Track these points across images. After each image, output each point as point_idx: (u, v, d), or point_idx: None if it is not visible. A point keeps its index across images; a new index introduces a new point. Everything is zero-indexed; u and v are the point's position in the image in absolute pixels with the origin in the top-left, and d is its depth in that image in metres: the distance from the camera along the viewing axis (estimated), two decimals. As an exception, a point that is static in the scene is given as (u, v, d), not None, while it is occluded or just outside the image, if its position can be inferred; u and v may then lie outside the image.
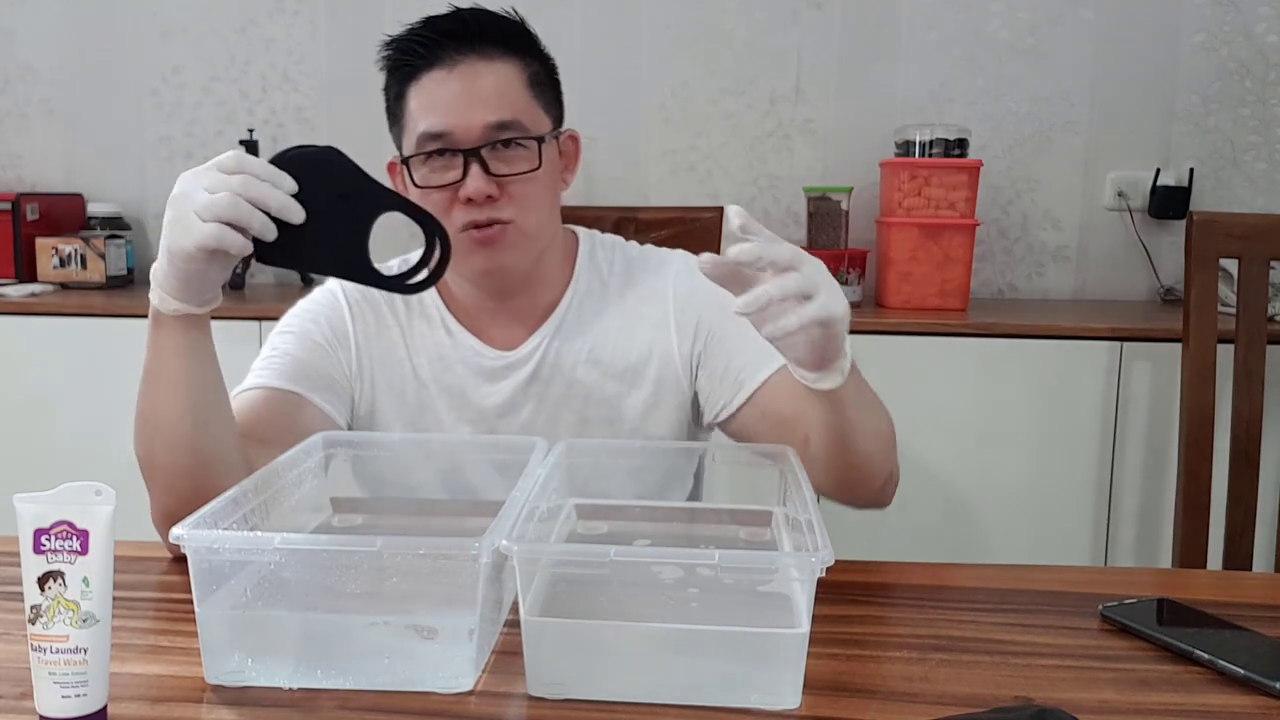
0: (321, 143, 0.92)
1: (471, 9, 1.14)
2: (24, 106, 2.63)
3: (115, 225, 2.51)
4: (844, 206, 2.31)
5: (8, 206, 2.38)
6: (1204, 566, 1.48)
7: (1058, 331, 2.01)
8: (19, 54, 2.61)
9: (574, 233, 1.26)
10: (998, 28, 2.44)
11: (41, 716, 0.68)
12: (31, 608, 0.67)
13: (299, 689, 0.74)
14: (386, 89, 1.16)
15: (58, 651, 0.67)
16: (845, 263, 2.22)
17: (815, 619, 0.73)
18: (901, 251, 2.20)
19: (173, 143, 2.60)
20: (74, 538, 0.67)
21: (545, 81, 1.16)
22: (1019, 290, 2.51)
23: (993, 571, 1.02)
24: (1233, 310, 1.47)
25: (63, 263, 2.38)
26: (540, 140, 1.12)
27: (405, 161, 1.13)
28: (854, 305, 2.18)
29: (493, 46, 1.11)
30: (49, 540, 0.67)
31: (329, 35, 2.56)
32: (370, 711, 0.72)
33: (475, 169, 1.08)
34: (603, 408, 1.19)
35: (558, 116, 1.18)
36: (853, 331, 0.89)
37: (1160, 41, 2.42)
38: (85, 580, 0.67)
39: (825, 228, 2.32)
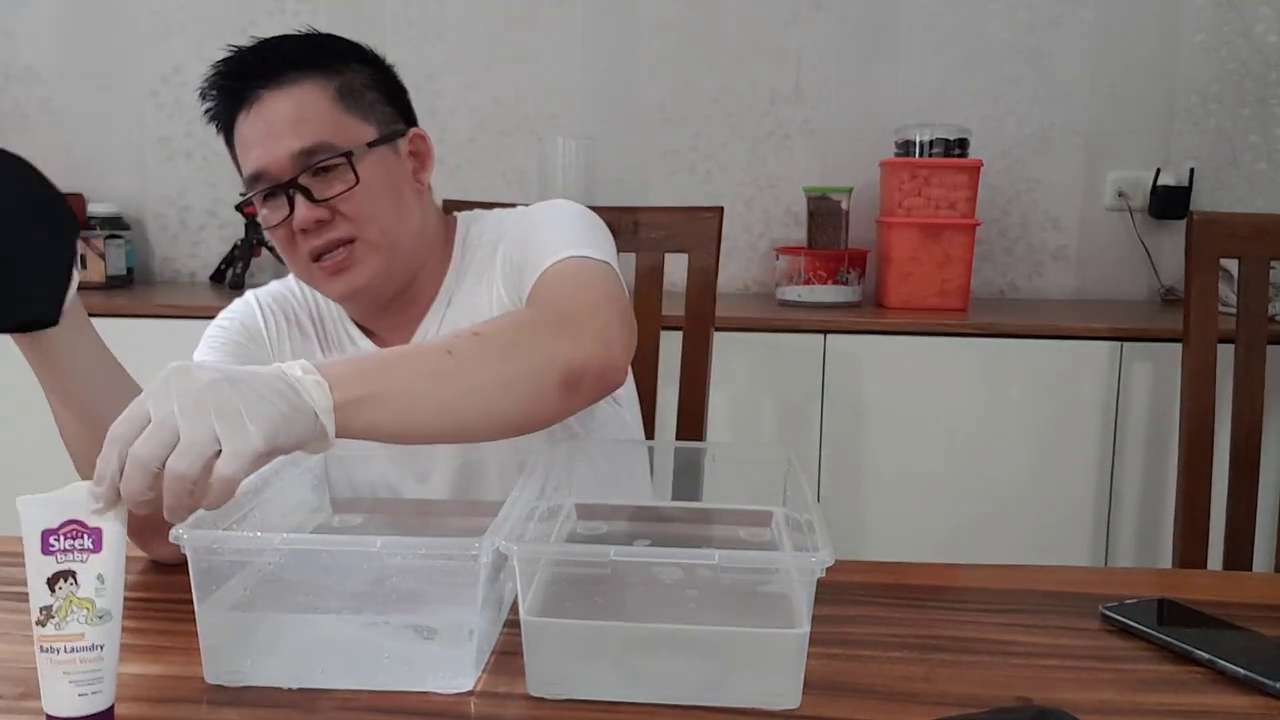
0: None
1: (263, 40, 1.11)
2: (24, 106, 2.63)
3: (115, 225, 2.50)
4: (844, 206, 2.31)
5: (8, 207, 2.38)
6: (1204, 567, 1.47)
7: (1058, 331, 2.01)
8: (20, 54, 2.61)
9: (455, 218, 1.25)
10: (998, 28, 2.44)
11: (50, 717, 0.68)
12: (41, 609, 0.67)
13: (299, 689, 0.74)
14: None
15: (74, 650, 0.67)
16: (845, 263, 2.22)
17: (815, 619, 0.73)
18: (902, 251, 2.20)
19: (173, 143, 2.60)
20: (85, 536, 0.67)
21: (361, 89, 1.12)
22: (1019, 290, 2.51)
23: (993, 572, 1.02)
24: (1233, 310, 1.47)
25: (63, 263, 2.37)
26: (350, 155, 1.08)
27: (240, 208, 1.16)
28: (854, 305, 2.18)
29: (287, 72, 1.08)
30: (58, 540, 0.67)
31: (329, 35, 2.55)
32: (370, 711, 0.72)
33: (299, 200, 1.07)
34: None
35: (389, 119, 1.14)
36: (853, 331, 0.88)
37: (1160, 42, 2.42)
38: (100, 577, 0.67)
39: (825, 228, 2.32)
